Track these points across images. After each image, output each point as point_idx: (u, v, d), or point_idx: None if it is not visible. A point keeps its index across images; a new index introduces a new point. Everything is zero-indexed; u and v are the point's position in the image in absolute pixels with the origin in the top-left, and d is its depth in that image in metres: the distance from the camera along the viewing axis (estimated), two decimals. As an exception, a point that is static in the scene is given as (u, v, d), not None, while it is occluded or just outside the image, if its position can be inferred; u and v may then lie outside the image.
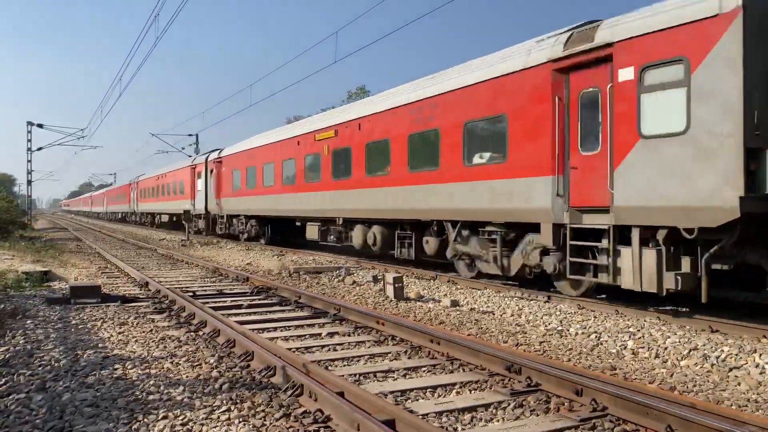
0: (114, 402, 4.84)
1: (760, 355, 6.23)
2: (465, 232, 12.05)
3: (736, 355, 6.32)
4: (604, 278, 8.81)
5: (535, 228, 10.13)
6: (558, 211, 9.46)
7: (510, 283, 11.85)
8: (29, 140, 42.55)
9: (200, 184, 31.00)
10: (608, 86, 8.74)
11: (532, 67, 10.07)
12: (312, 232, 19.08)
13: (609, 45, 8.66)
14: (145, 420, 4.43)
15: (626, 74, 8.43)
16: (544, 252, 10.00)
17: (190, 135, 48.33)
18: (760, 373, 5.81)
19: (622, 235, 8.59)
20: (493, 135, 11.11)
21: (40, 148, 44.54)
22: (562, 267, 9.59)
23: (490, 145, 11.27)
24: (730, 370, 6.01)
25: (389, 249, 15.15)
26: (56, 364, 6.03)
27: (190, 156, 44.34)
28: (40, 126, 42.54)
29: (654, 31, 8.07)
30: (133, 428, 4.29)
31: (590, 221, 9.12)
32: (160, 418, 4.47)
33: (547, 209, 9.63)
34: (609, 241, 8.64)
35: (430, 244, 13.28)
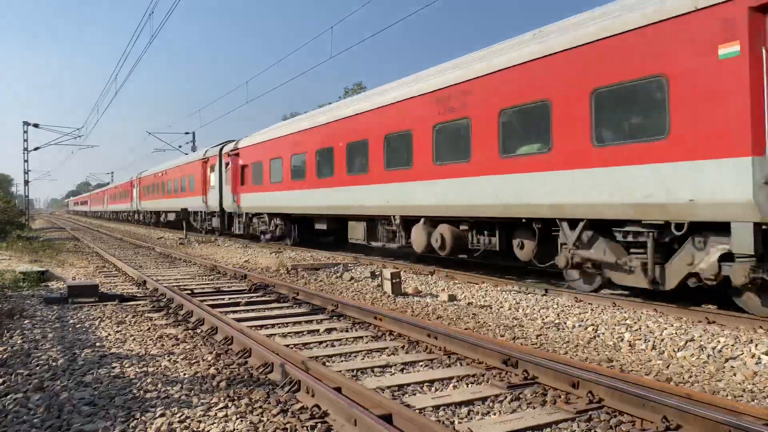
0: (111, 400, 4.85)
1: (756, 345, 6.25)
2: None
3: (732, 345, 6.34)
4: None
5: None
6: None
7: (508, 276, 11.87)
8: (26, 140, 42.43)
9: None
10: None
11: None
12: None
13: None
14: (143, 418, 4.44)
15: None
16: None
17: (186, 133, 48.35)
18: (756, 364, 5.83)
19: None
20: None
21: (36, 148, 44.44)
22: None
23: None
24: (726, 360, 6.03)
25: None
26: (54, 364, 6.04)
27: (186, 153, 44.24)
28: (36, 126, 42.42)
29: None
30: (130, 426, 4.30)
31: None
32: (157, 415, 4.48)
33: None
34: None
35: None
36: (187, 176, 32.44)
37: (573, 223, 9.50)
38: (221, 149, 27.26)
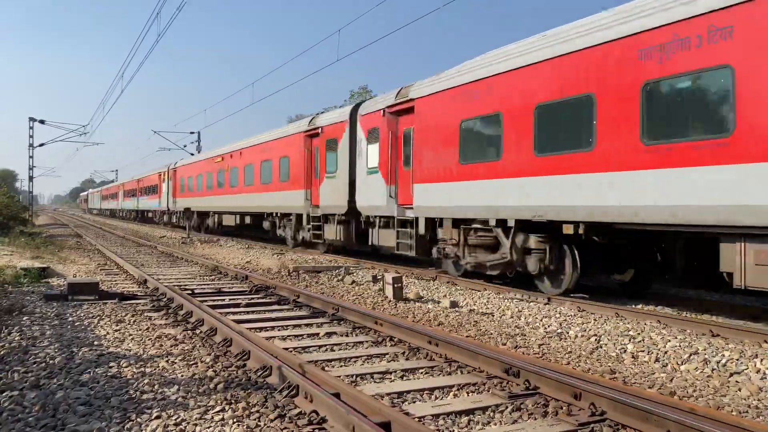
0: (107, 401, 4.79)
1: (762, 360, 6.17)
2: None
3: (737, 360, 6.26)
4: None
5: None
6: None
7: (510, 284, 11.78)
8: (31, 136, 42.60)
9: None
10: None
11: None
12: None
13: None
14: (138, 419, 4.38)
15: None
16: None
17: (192, 132, 48.25)
18: (761, 379, 5.74)
19: None
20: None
21: (41, 144, 44.63)
22: None
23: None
24: (731, 375, 5.94)
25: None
26: (51, 362, 5.98)
27: (192, 154, 43.99)
28: (41, 122, 42.58)
29: None
30: (125, 428, 4.24)
31: None
32: (153, 417, 4.42)
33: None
34: None
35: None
36: (276, 160, 21.62)
37: None
38: (354, 110, 16.67)
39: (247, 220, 25.59)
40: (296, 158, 19.88)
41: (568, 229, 9.70)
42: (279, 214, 21.74)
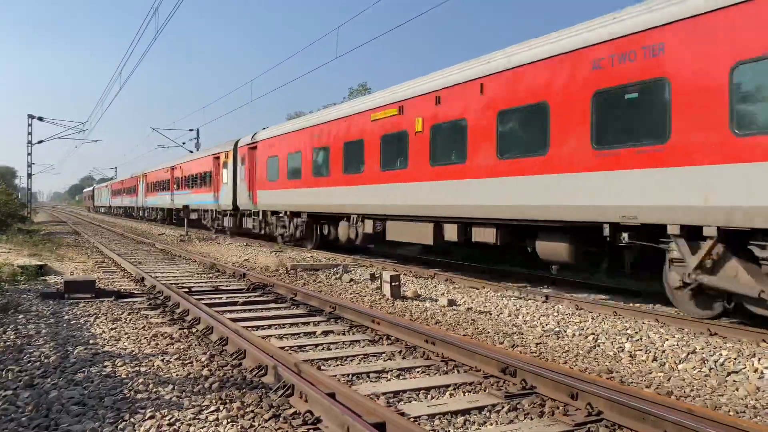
0: (101, 400, 4.76)
1: (759, 359, 6.14)
2: None
3: (735, 359, 6.24)
4: None
5: None
6: None
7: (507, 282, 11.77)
8: (30, 133, 42.53)
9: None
10: None
11: None
12: None
13: None
14: (132, 420, 4.35)
15: None
16: None
17: (191, 130, 48.24)
18: (759, 378, 5.72)
19: None
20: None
21: (40, 141, 44.54)
22: None
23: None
24: (729, 374, 5.92)
25: None
26: (45, 361, 5.95)
27: (191, 151, 43.65)
28: (40, 119, 42.50)
29: None
30: (118, 428, 4.21)
31: None
32: (147, 417, 4.39)
33: None
34: None
35: None
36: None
37: None
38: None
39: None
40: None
41: None
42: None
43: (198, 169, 32.19)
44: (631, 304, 9.58)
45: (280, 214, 21.00)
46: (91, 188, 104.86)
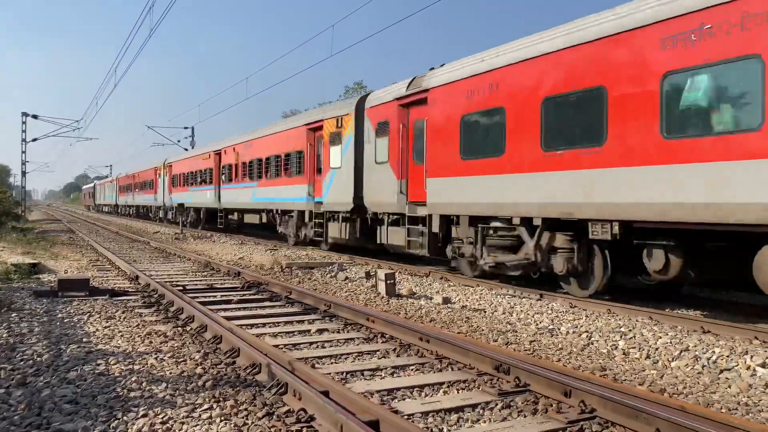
0: (94, 399, 4.74)
1: (752, 357, 6.16)
2: None
3: (728, 356, 6.26)
4: None
5: None
6: None
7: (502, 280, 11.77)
8: (24, 131, 42.34)
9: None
10: None
11: None
12: None
13: None
14: (124, 418, 4.34)
15: None
16: None
17: (185, 128, 48.13)
18: (751, 376, 5.74)
19: None
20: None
21: (35, 139, 44.37)
22: None
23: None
24: (721, 372, 5.94)
25: None
26: (38, 359, 5.93)
27: (186, 149, 42.96)
28: (34, 117, 42.32)
29: None
30: (111, 426, 4.20)
31: None
32: (139, 416, 4.38)
33: None
34: None
35: None
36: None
37: None
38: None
39: None
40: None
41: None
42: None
43: (272, 150, 21.60)
44: (624, 303, 9.60)
45: (498, 224, 11.15)
46: (91, 185, 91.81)
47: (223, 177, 27.42)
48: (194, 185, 32.26)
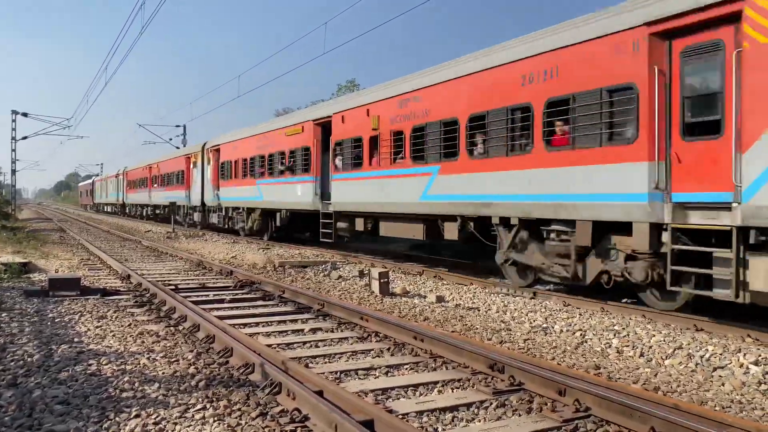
0: (86, 400, 4.70)
1: (745, 354, 6.18)
2: None
3: (721, 354, 6.28)
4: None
5: None
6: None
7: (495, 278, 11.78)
8: (14, 129, 41.99)
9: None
10: None
11: None
12: None
13: None
14: (117, 419, 4.29)
15: None
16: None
17: (177, 126, 47.76)
18: (744, 374, 5.76)
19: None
20: None
21: (24, 137, 43.99)
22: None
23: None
24: (714, 369, 5.96)
25: None
26: (29, 359, 5.87)
27: (178, 147, 41.03)
28: (24, 115, 41.97)
29: None
30: (103, 427, 4.16)
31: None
32: (132, 416, 4.34)
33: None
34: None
35: None
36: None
37: None
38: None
39: None
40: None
41: None
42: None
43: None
44: (618, 301, 9.62)
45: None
46: (89, 181, 79.35)
47: (341, 157, 15.90)
48: (265, 177, 20.92)
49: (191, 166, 30.16)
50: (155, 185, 38.35)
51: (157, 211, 38.78)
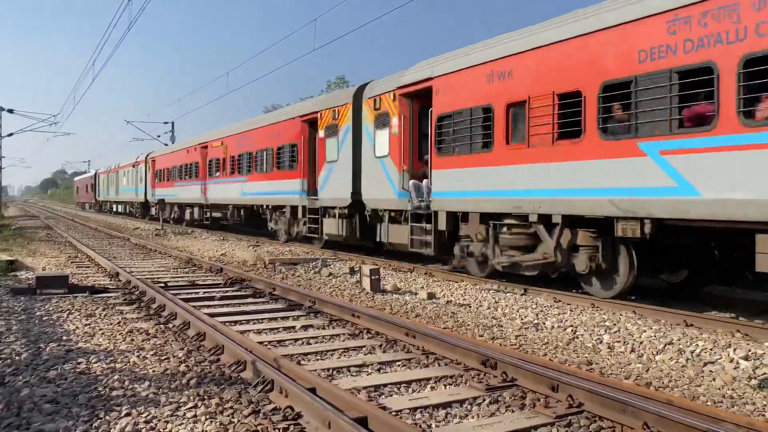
0: (75, 398, 4.64)
1: (735, 349, 6.23)
2: None
3: (711, 349, 6.31)
4: None
5: None
6: None
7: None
8: (-1, 126, 41.46)
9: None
10: None
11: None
12: None
13: None
14: (107, 417, 4.24)
15: None
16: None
17: (165, 123, 47.35)
18: (734, 369, 5.80)
19: None
20: None
21: (10, 134, 43.53)
22: None
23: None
24: (705, 364, 5.99)
25: None
26: (17, 358, 5.79)
27: (166, 144, 40.48)
28: (10, 111, 41.47)
29: None
30: (93, 426, 4.10)
31: None
32: (122, 415, 4.29)
33: None
34: None
35: None
36: None
37: None
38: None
39: None
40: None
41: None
42: None
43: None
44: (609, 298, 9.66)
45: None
46: (90, 174, 64.32)
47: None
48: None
49: (278, 140, 18.70)
50: (212, 175, 25.45)
51: (213, 213, 25.86)
